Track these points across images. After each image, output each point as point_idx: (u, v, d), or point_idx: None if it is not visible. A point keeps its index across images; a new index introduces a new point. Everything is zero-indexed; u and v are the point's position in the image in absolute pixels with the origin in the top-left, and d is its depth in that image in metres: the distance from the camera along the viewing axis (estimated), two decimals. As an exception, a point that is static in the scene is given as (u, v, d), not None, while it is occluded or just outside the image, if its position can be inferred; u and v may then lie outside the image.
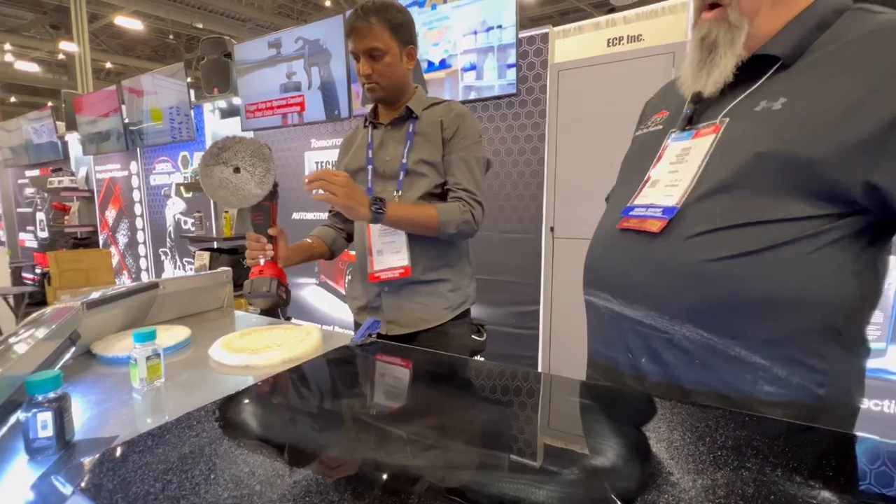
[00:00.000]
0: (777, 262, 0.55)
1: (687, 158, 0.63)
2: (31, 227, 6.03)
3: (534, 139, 2.24)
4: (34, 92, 15.41)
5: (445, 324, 1.13)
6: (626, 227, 0.66)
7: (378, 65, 1.03)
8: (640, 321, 0.63)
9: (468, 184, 1.06)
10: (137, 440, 0.53)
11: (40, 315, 0.75)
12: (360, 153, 1.17)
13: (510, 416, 0.61)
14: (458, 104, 1.14)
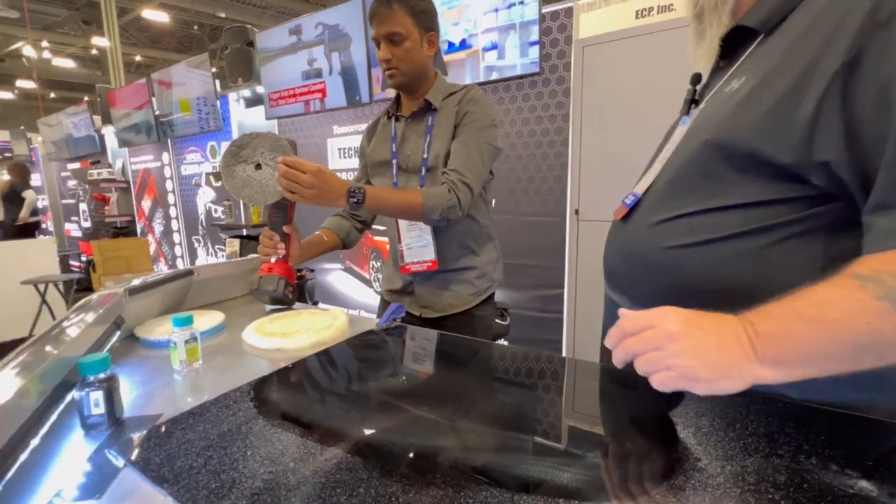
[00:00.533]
0: (735, 251, 0.53)
1: (670, 146, 0.63)
2: (74, 217, 6.38)
3: (558, 119, 2.18)
4: (71, 87, 16.07)
5: (472, 308, 1.17)
6: (615, 215, 0.68)
7: (398, 50, 1.03)
8: (617, 304, 0.64)
9: (459, 165, 1.03)
10: (180, 418, 0.56)
11: (88, 301, 0.80)
12: (385, 147, 1.18)
13: (535, 399, 0.61)
14: (475, 90, 1.12)
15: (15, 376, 0.53)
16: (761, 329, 0.44)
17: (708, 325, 0.46)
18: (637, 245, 0.60)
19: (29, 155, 7.02)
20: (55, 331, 0.68)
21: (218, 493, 0.42)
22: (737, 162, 0.52)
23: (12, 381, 0.51)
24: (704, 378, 0.44)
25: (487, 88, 2.35)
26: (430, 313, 1.17)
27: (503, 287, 2.49)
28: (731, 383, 0.44)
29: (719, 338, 0.45)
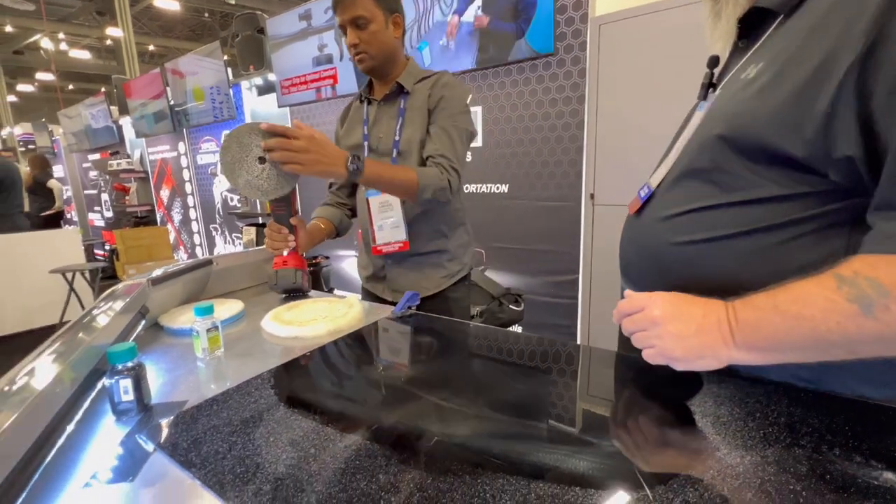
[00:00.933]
0: (749, 248, 0.52)
1: (685, 134, 0.60)
2: (97, 207, 6.55)
3: (573, 101, 2.13)
4: (88, 79, 16.33)
5: (445, 289, 1.19)
6: (630, 209, 0.67)
7: (364, 33, 1.04)
8: None
9: (447, 151, 1.06)
10: (204, 405, 0.58)
11: (113, 291, 0.82)
12: (357, 129, 1.19)
13: (553, 387, 0.62)
14: (447, 75, 1.13)
15: (51, 363, 0.55)
16: (741, 316, 0.48)
17: (691, 310, 0.50)
18: (649, 239, 0.60)
19: (51, 146, 7.20)
20: (85, 319, 0.70)
21: (243, 478, 0.43)
22: (750, 155, 0.50)
23: (48, 370, 0.53)
24: (681, 358, 0.50)
25: (500, 70, 2.31)
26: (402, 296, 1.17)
27: (516, 273, 2.49)
28: (706, 363, 0.50)
29: (700, 324, 0.49)
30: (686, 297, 0.52)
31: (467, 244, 1.26)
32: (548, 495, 0.40)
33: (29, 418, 0.43)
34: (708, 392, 0.57)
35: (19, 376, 0.53)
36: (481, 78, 2.39)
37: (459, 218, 1.23)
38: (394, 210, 1.12)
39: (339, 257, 3.44)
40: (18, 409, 0.44)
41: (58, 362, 0.55)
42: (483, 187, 2.53)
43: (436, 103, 1.08)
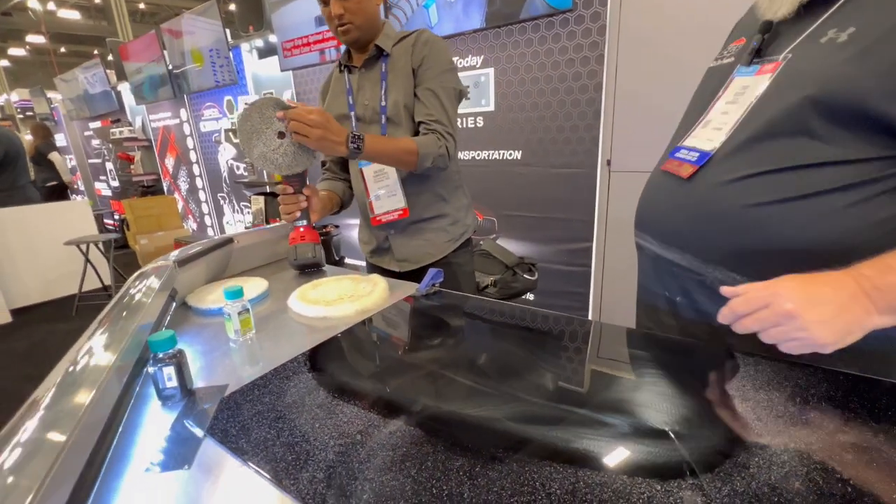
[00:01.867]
0: (818, 210, 0.53)
1: (740, 99, 0.60)
2: (102, 176, 6.52)
3: (591, 61, 2.02)
4: (79, 40, 15.78)
5: (448, 255, 1.19)
6: (667, 170, 0.67)
7: (349, 3, 0.99)
8: (676, 263, 0.65)
9: (440, 115, 1.04)
10: (246, 389, 0.59)
11: (142, 273, 0.82)
12: (341, 100, 1.15)
13: (596, 371, 0.62)
14: (427, 33, 1.08)
15: (104, 352, 0.56)
16: (879, 283, 0.47)
17: (823, 293, 0.48)
18: (712, 203, 0.59)
19: (50, 114, 7.08)
20: (123, 302, 0.71)
21: (295, 465, 0.45)
22: (843, 118, 0.50)
23: (101, 359, 0.54)
24: (831, 342, 0.48)
25: (514, 28, 2.19)
26: (409, 266, 1.20)
27: (528, 241, 2.48)
28: (854, 337, 0.48)
29: (837, 303, 0.48)
30: (807, 279, 0.49)
31: (467, 206, 1.25)
32: (596, 483, 0.41)
33: (95, 412, 0.45)
34: (745, 375, 0.57)
35: (75, 366, 0.54)
36: (493, 37, 2.27)
37: (456, 180, 1.22)
38: (389, 178, 1.11)
39: (349, 226, 3.44)
40: (85, 400, 0.45)
41: (109, 352, 0.55)
42: (495, 153, 2.47)
43: (419, 62, 1.05)
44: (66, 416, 0.43)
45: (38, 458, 0.37)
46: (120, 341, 0.56)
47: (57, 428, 0.40)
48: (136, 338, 0.58)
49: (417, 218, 1.15)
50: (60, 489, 0.36)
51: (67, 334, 3.11)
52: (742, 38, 0.68)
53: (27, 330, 3.21)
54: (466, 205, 1.25)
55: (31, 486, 0.33)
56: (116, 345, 0.56)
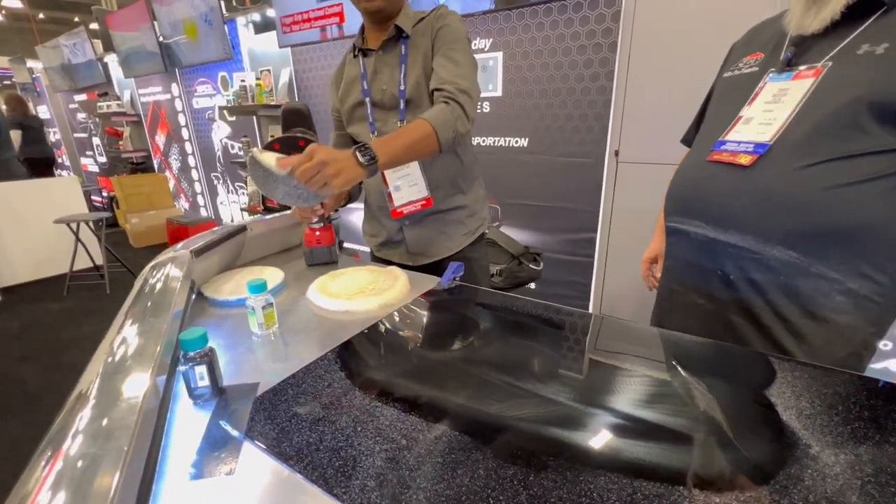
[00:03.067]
0: (874, 192, 0.62)
1: (783, 99, 0.69)
2: (89, 151, 6.32)
3: (603, 49, 1.98)
4: (58, 6, 15.03)
5: (465, 249, 1.16)
6: (716, 160, 0.74)
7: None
8: (734, 244, 0.73)
9: (453, 76, 0.94)
10: (279, 389, 0.58)
11: (157, 264, 0.80)
12: (355, 86, 1.09)
13: (632, 373, 0.62)
14: (444, 8, 1.03)
15: (141, 353, 0.54)
16: None
17: None
18: (777, 188, 0.67)
19: (32, 84, 6.80)
20: (145, 293, 0.68)
21: (344, 472, 0.44)
22: (887, 115, 0.60)
23: (140, 361, 0.52)
24: None
25: (525, 12, 2.12)
26: (423, 259, 1.15)
27: (533, 230, 2.47)
28: None
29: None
30: None
31: (483, 198, 1.22)
32: (653, 494, 0.40)
33: (145, 422, 0.43)
34: (784, 381, 0.57)
35: (113, 366, 0.52)
36: (503, 20, 2.21)
37: (474, 171, 1.18)
38: (409, 166, 1.05)
39: (349, 209, 3.39)
40: (135, 404, 0.44)
41: (147, 353, 0.53)
42: (501, 140, 2.43)
43: (435, 35, 0.99)
44: (119, 424, 0.42)
45: (104, 470, 0.35)
46: (156, 341, 0.54)
47: (114, 439, 0.39)
48: (169, 337, 0.56)
49: (435, 209, 1.11)
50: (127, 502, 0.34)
51: (60, 314, 3.05)
52: (758, 53, 0.78)
53: (18, 309, 3.14)
54: (483, 196, 1.22)
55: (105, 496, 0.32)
56: (153, 344, 0.54)
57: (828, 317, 0.68)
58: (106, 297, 3.34)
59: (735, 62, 0.83)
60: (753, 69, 0.77)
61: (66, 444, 0.40)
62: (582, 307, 2.44)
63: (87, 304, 3.21)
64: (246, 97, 3.35)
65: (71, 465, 0.37)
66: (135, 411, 0.42)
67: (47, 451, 0.41)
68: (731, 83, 0.82)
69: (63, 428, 0.43)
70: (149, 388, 0.46)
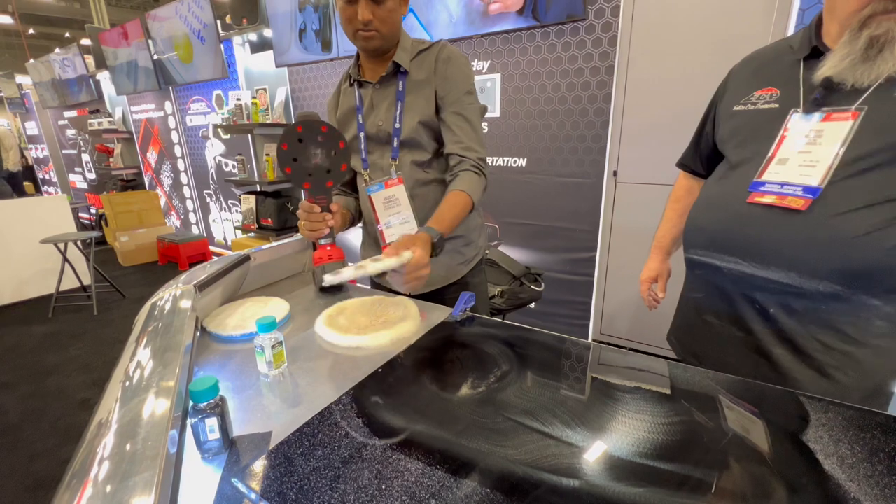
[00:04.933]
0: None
1: (821, 140, 0.70)
2: (78, 168, 6.22)
3: (601, 71, 2.01)
4: (49, 22, 15.01)
5: (465, 276, 1.16)
6: (758, 202, 0.74)
7: (380, 9, 0.92)
8: (775, 280, 0.74)
9: (471, 142, 1.00)
10: (293, 440, 0.54)
11: (160, 299, 0.76)
12: (351, 118, 1.09)
13: (663, 415, 0.59)
14: (448, 48, 1.02)
15: (154, 409, 0.50)
16: None
17: None
18: (834, 231, 0.67)
19: (21, 100, 6.72)
20: (149, 332, 0.65)
21: (372, 540, 0.41)
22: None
23: (155, 420, 0.49)
24: None
25: (523, 35, 2.16)
26: (423, 289, 1.12)
27: (533, 249, 2.46)
28: None
29: None
30: None
31: (480, 226, 1.21)
32: (706, 562, 0.38)
33: (164, 487, 0.39)
34: (818, 424, 0.55)
35: (125, 425, 0.48)
36: (501, 42, 2.24)
37: None
38: (401, 205, 1.05)
39: (344, 228, 3.36)
40: (153, 475, 0.40)
41: (161, 410, 0.50)
42: (499, 160, 2.44)
43: (442, 83, 0.99)
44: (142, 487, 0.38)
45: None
46: (167, 395, 0.51)
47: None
48: (179, 389, 0.53)
49: None
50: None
51: (44, 337, 2.95)
52: (772, 88, 0.79)
53: (0, 332, 3.03)
54: (480, 224, 1.21)
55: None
56: (164, 398, 0.50)
57: (869, 341, 0.70)
58: (93, 318, 3.24)
59: (745, 95, 0.83)
60: (772, 106, 0.77)
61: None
62: (582, 326, 2.43)
63: (72, 327, 3.11)
64: (241, 115, 3.34)
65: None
66: (151, 488, 0.39)
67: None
68: (747, 119, 0.82)
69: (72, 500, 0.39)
70: (162, 464, 0.43)
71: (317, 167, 0.91)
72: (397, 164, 1.05)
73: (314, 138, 0.90)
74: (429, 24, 2.38)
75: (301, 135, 0.89)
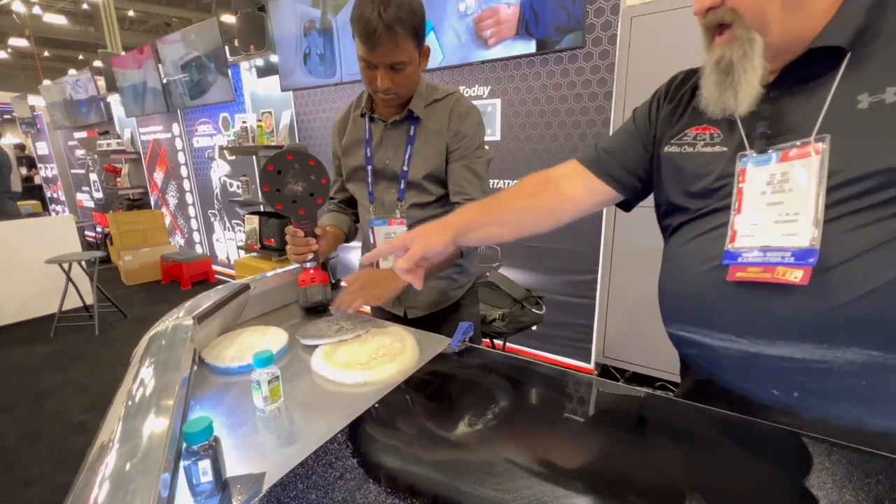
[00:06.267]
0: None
1: (788, 186, 0.58)
2: (86, 187, 6.32)
3: (599, 97, 2.05)
4: (64, 45, 15.49)
5: (458, 300, 1.19)
6: (743, 280, 0.60)
7: (399, 76, 0.95)
8: (788, 357, 0.59)
9: (477, 194, 1.04)
10: (288, 482, 0.54)
11: (157, 334, 0.76)
12: (359, 150, 1.11)
13: (678, 456, 0.58)
14: (462, 102, 1.05)
15: (146, 453, 0.50)
16: None
17: None
18: (850, 293, 0.54)
19: (33, 120, 6.87)
20: (146, 371, 0.65)
21: None
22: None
23: (151, 456, 0.49)
24: None
25: (523, 62, 2.20)
26: (415, 312, 1.18)
27: (533, 271, 2.46)
28: None
29: None
30: None
31: (474, 254, 1.24)
32: None
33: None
34: (822, 468, 0.54)
35: (114, 473, 0.48)
36: (501, 69, 2.29)
37: None
38: (397, 234, 1.06)
39: (346, 248, 3.37)
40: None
41: (153, 454, 0.50)
42: (500, 183, 2.46)
43: (455, 138, 1.03)
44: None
45: None
46: (161, 438, 0.51)
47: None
48: (173, 430, 0.53)
49: None
50: None
51: (45, 357, 2.94)
52: (710, 128, 0.66)
53: (2, 353, 3.03)
54: (472, 250, 1.22)
55: None
56: (157, 440, 0.50)
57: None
58: (94, 338, 3.24)
59: (678, 134, 0.70)
60: (719, 149, 0.64)
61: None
62: (584, 349, 2.40)
63: (74, 348, 3.10)
64: (247, 138, 3.40)
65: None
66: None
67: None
68: (690, 165, 0.67)
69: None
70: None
71: (297, 194, 0.97)
72: (402, 205, 1.08)
73: (301, 167, 0.96)
74: (443, 45, 2.42)
75: (290, 162, 0.95)
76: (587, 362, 2.42)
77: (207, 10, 13.38)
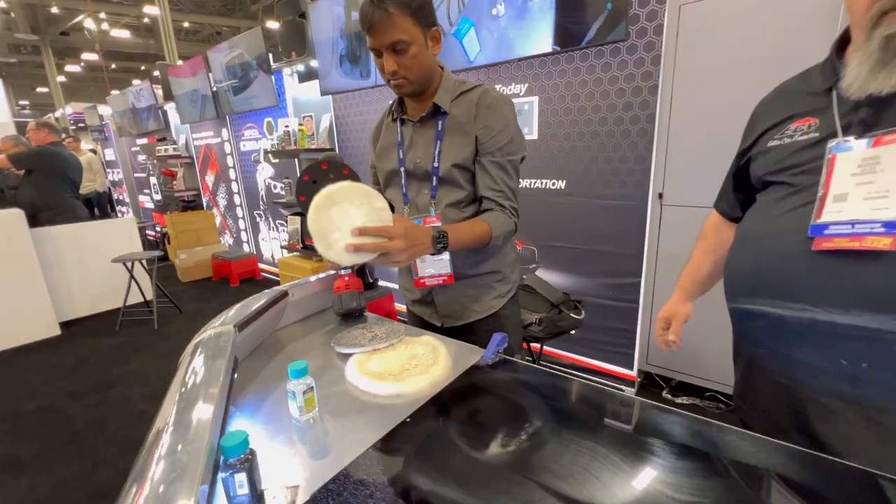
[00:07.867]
0: None
1: (880, 168, 0.62)
2: (146, 190, 6.81)
3: (643, 92, 1.94)
4: (128, 57, 16.77)
5: (498, 309, 1.14)
6: (829, 249, 0.64)
7: (404, 58, 0.93)
8: (862, 326, 0.62)
9: (506, 189, 1.03)
10: (320, 497, 0.54)
11: (201, 341, 0.80)
12: (392, 153, 1.11)
13: (711, 492, 0.54)
14: (490, 93, 1.02)
15: (187, 461, 0.52)
16: None
17: None
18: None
19: (101, 127, 7.48)
20: (189, 383, 0.68)
21: None
22: None
23: (191, 468, 0.51)
24: None
25: (562, 57, 2.13)
26: (453, 322, 1.15)
27: (572, 273, 2.38)
28: None
29: None
30: None
31: (514, 261, 1.19)
32: None
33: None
34: None
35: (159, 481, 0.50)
36: (539, 65, 2.23)
37: None
38: None
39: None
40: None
41: (194, 457, 0.52)
42: (537, 182, 2.40)
43: (483, 130, 1.00)
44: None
45: None
46: (198, 451, 0.53)
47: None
48: (211, 444, 0.55)
49: (463, 275, 1.10)
50: None
51: (112, 349, 3.20)
52: (810, 118, 0.70)
53: (75, 344, 3.33)
54: (514, 259, 1.19)
55: None
56: (197, 453, 0.52)
57: None
58: (154, 332, 3.48)
59: (780, 129, 0.75)
60: (811, 136, 0.69)
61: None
62: (626, 356, 2.30)
63: (136, 340, 3.35)
64: (289, 141, 3.52)
65: None
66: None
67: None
68: (786, 153, 0.72)
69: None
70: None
71: None
72: (435, 202, 1.06)
73: (336, 177, 0.97)
74: (482, 42, 2.39)
75: (325, 172, 0.97)
76: (629, 369, 2.32)
77: (255, 17, 14.02)
